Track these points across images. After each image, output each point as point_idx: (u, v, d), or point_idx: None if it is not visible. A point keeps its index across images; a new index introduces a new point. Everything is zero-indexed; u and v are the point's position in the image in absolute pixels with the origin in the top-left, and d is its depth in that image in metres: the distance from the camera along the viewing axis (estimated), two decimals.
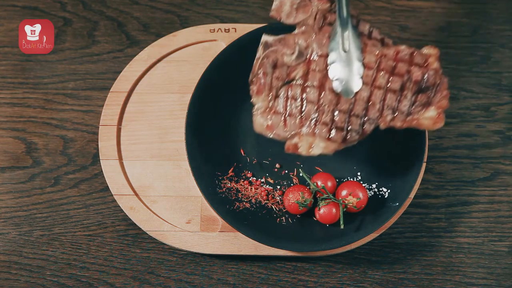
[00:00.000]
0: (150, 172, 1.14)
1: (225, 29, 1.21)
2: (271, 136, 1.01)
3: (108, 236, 1.13)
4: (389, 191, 1.10)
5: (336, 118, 0.99)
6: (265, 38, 1.02)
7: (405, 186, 1.09)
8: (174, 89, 1.18)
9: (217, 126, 1.14)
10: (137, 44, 1.25)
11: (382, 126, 1.00)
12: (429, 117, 1.00)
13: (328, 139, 1.00)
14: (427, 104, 1.00)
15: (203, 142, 1.12)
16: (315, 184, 1.07)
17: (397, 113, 1.00)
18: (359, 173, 1.12)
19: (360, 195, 1.05)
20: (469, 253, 1.13)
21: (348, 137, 1.00)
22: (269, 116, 1.01)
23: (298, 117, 1.00)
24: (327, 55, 1.01)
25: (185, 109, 1.13)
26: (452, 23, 1.27)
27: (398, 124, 1.00)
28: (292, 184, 1.13)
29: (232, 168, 1.13)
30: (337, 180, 1.11)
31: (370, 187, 1.11)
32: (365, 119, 1.00)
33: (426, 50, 1.02)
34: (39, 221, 1.14)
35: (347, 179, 1.11)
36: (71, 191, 1.16)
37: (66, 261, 1.12)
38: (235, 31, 1.20)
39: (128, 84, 1.18)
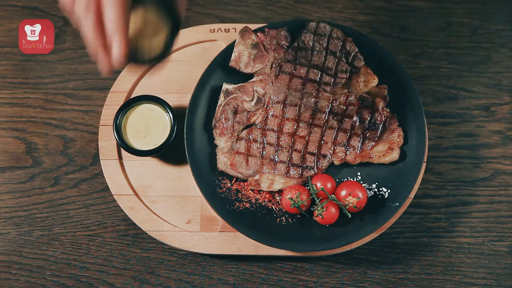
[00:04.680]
0: (150, 172, 1.14)
1: (225, 29, 1.21)
2: (234, 174, 1.09)
3: (108, 236, 1.13)
4: (389, 191, 1.10)
5: (293, 157, 1.08)
6: (225, 86, 1.11)
7: (405, 186, 1.09)
8: (174, 89, 1.18)
9: None
10: None
11: (336, 162, 1.10)
12: (379, 151, 1.09)
13: (287, 176, 1.07)
14: (377, 140, 1.10)
15: (203, 142, 1.12)
16: (314, 186, 1.07)
17: (348, 149, 1.09)
18: (359, 173, 1.12)
19: (360, 195, 1.05)
20: (469, 253, 1.13)
21: (304, 173, 1.08)
22: (232, 156, 1.08)
23: (259, 158, 1.09)
24: (283, 101, 1.08)
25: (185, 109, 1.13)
26: (452, 23, 1.27)
27: (350, 159, 1.10)
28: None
29: None
30: (337, 180, 1.11)
31: (370, 187, 1.11)
32: (319, 157, 1.09)
33: (374, 89, 1.11)
34: (39, 221, 1.14)
35: (347, 179, 1.11)
36: (71, 191, 1.16)
37: (66, 261, 1.12)
38: (235, 31, 1.20)
39: (128, 84, 1.18)
